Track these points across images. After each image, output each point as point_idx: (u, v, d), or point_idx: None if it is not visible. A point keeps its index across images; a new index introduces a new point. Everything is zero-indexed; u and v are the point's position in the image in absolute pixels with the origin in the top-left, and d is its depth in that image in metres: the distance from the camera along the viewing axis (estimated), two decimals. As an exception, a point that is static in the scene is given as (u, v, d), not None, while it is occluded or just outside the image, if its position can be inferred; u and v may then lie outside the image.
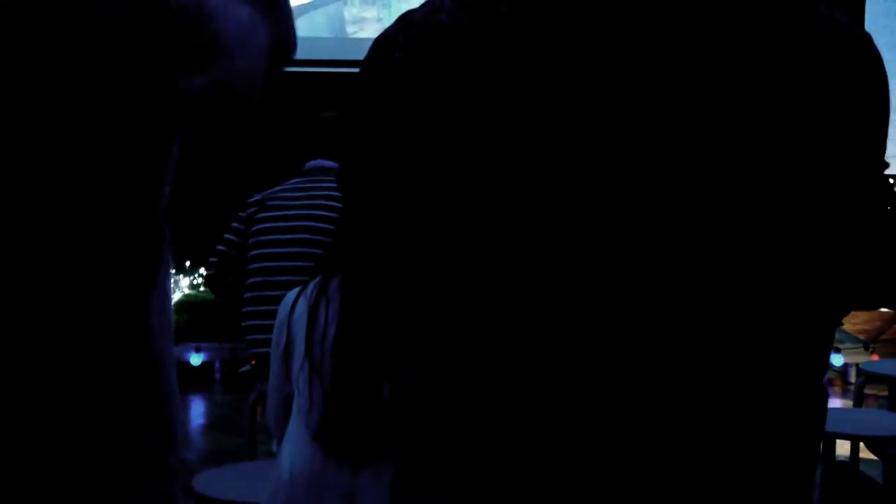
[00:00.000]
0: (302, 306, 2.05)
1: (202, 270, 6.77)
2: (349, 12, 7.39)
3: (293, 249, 3.37)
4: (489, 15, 0.62)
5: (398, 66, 0.64)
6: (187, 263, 7.02)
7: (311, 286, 2.06)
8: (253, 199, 3.54)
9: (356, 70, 0.71)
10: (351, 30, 7.26)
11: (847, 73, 0.64)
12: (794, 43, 0.63)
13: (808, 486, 0.69)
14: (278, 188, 3.53)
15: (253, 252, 3.45)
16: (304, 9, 7.28)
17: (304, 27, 7.48)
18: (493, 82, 0.61)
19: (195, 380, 5.57)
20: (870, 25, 7.08)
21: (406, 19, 0.67)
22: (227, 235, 3.56)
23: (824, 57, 0.63)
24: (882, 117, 0.66)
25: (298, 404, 2.03)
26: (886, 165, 0.68)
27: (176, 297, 6.84)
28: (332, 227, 3.19)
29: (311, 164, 3.55)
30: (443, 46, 0.63)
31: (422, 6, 0.67)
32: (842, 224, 0.65)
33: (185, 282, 7.09)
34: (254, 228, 3.46)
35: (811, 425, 0.68)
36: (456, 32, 0.63)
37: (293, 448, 2.02)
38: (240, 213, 3.55)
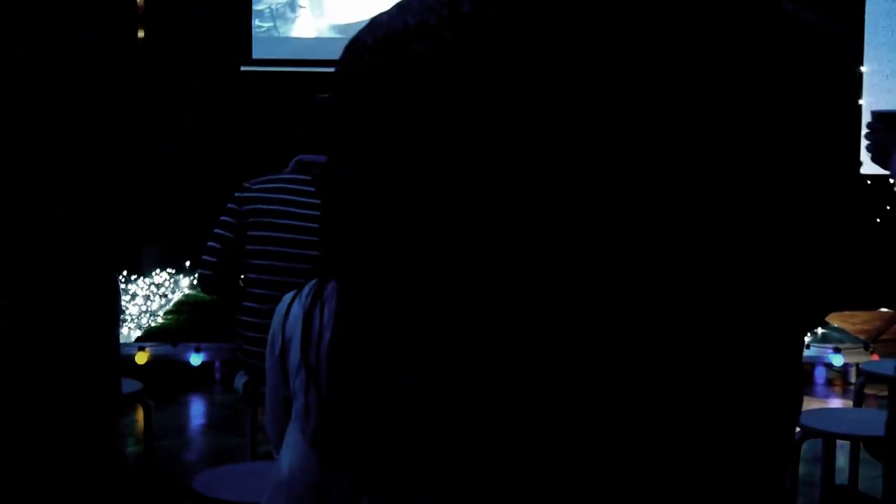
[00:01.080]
0: (296, 310, 2.03)
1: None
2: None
3: (305, 266, 3.07)
4: (452, 15, 0.62)
5: (367, 68, 0.64)
6: (187, 263, 7.03)
7: (305, 290, 2.04)
8: (245, 195, 3.17)
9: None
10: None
11: (816, 75, 0.64)
12: (770, 45, 0.63)
13: (782, 479, 0.70)
14: (272, 184, 3.18)
15: (256, 261, 3.13)
16: (306, 9, 7.29)
17: (305, 27, 7.50)
18: (461, 82, 0.61)
19: (195, 380, 5.56)
20: (870, 25, 7.09)
21: (375, 21, 0.66)
22: (219, 231, 3.20)
23: (796, 59, 0.64)
24: (850, 118, 0.67)
25: (296, 409, 2.03)
26: (860, 164, 0.69)
27: (176, 297, 6.85)
28: None
29: (304, 158, 3.23)
30: (408, 49, 0.62)
31: (392, 7, 0.66)
32: (817, 224, 0.65)
33: (185, 282, 7.10)
34: (255, 233, 3.13)
35: (784, 423, 0.69)
36: (421, 33, 0.63)
37: (292, 451, 2.02)
38: (230, 206, 3.20)
